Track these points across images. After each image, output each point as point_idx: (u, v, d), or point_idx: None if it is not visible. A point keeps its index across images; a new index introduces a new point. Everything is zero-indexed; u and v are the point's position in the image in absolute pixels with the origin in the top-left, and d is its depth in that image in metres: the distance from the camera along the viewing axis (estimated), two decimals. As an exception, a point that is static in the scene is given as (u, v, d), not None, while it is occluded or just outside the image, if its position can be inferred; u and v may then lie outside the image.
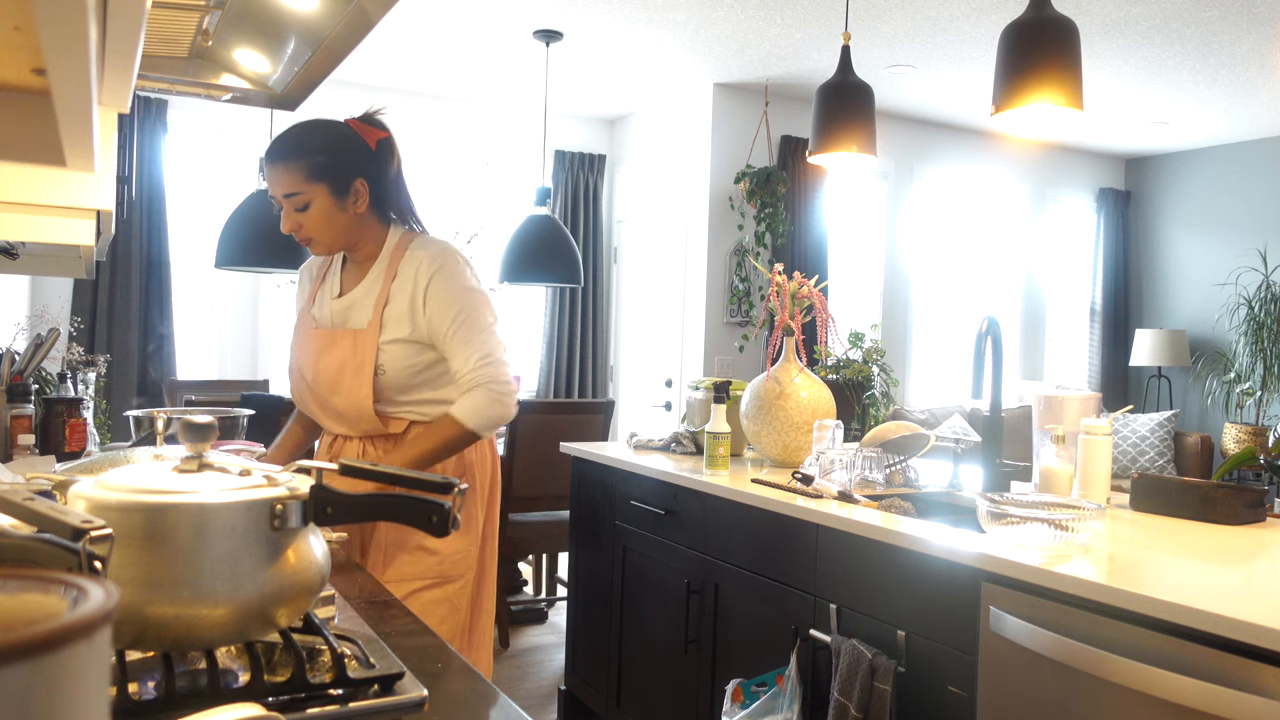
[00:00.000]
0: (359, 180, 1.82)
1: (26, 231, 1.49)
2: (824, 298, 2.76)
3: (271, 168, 1.79)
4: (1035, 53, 2.21)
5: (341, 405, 1.84)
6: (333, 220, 1.80)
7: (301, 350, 1.92)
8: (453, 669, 1.07)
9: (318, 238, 1.82)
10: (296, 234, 1.81)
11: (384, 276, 1.85)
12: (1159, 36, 4.29)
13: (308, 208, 1.78)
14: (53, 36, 0.60)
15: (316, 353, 1.87)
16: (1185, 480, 2.06)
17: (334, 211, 1.80)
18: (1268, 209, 6.10)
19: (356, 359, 1.81)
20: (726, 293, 5.29)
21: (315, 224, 1.80)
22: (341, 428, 1.88)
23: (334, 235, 1.82)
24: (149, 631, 0.84)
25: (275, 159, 1.79)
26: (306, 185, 1.77)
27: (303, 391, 1.92)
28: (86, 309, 4.67)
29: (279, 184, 1.78)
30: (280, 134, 1.83)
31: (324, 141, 1.80)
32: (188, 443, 0.94)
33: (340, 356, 1.83)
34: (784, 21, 4.22)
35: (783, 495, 2.26)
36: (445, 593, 1.88)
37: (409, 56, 4.85)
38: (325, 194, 1.79)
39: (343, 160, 1.81)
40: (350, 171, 1.81)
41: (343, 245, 1.87)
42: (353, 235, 1.85)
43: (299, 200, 1.78)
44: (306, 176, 1.77)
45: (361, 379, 1.80)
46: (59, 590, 0.45)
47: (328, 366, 1.84)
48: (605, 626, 2.98)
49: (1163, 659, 1.39)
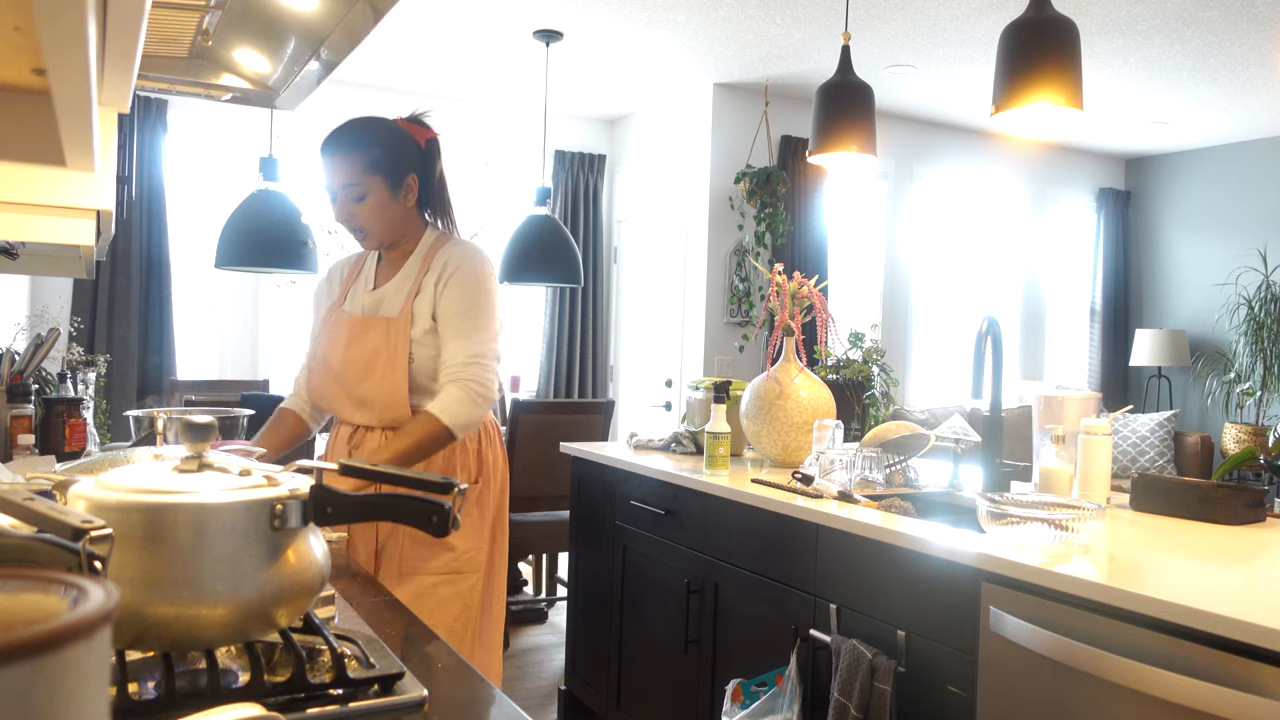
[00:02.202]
0: (411, 175, 1.89)
1: (26, 231, 1.49)
2: (824, 298, 2.76)
3: (331, 159, 1.84)
4: (1035, 53, 2.21)
5: (371, 392, 1.86)
6: (386, 212, 1.87)
7: (330, 339, 1.94)
8: (453, 669, 1.07)
9: (370, 229, 1.87)
10: (349, 224, 1.87)
11: (417, 271, 1.91)
12: (1159, 36, 4.29)
13: (364, 199, 1.84)
14: (53, 36, 0.60)
15: (348, 340, 1.89)
16: (1185, 480, 2.06)
17: (388, 204, 1.87)
18: (1268, 209, 6.10)
19: (390, 346, 1.84)
20: (726, 293, 5.29)
21: (369, 215, 1.85)
22: (365, 417, 1.89)
23: (385, 227, 1.88)
24: (149, 631, 0.84)
25: (335, 150, 1.84)
26: (364, 177, 1.83)
27: (327, 381, 1.93)
28: (86, 309, 4.67)
29: (337, 174, 1.84)
30: (337, 127, 1.88)
31: (381, 136, 1.86)
32: (188, 443, 0.94)
33: (373, 344, 1.86)
34: (784, 21, 4.22)
35: (783, 495, 2.26)
36: (458, 590, 1.90)
37: (409, 56, 4.85)
38: (381, 186, 1.85)
39: (398, 155, 1.87)
40: (404, 166, 1.88)
41: (391, 238, 1.91)
42: (400, 229, 1.91)
43: (356, 191, 1.84)
44: (365, 169, 1.83)
45: (395, 365, 1.84)
46: (59, 590, 0.45)
47: (359, 354, 1.87)
48: (605, 626, 2.98)
49: (1163, 659, 1.39)
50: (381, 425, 1.89)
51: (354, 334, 1.89)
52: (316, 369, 1.97)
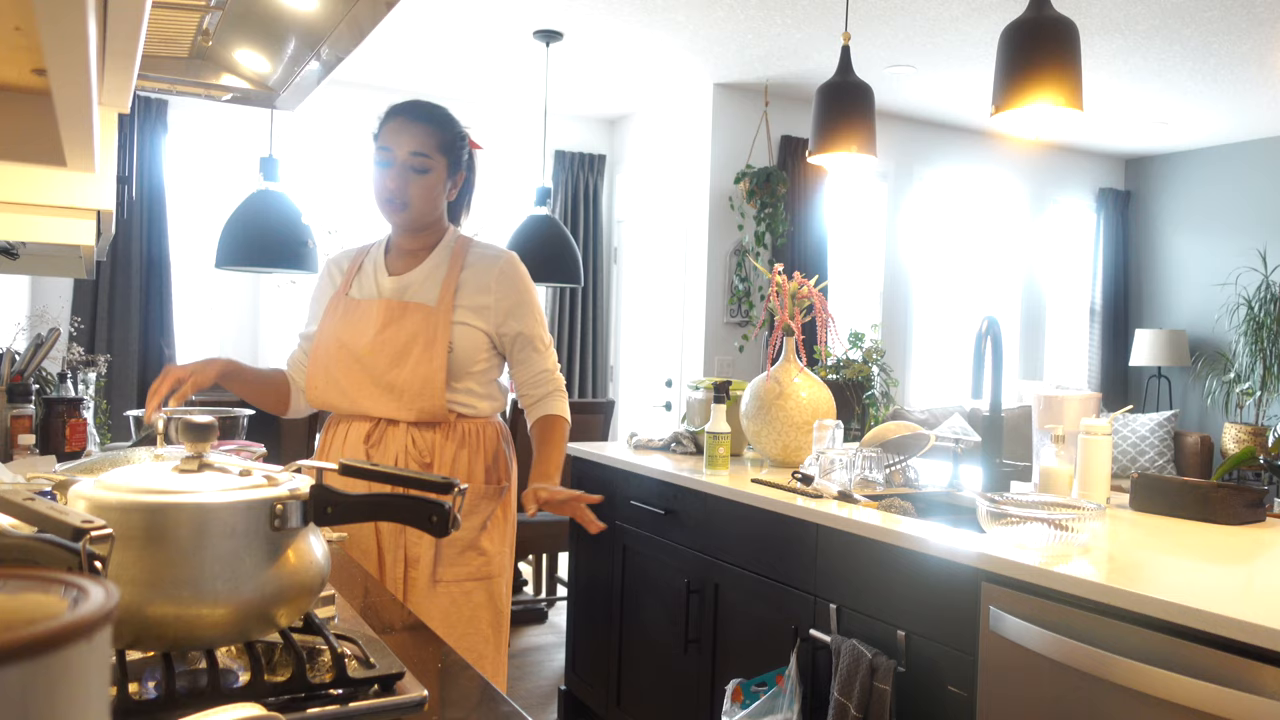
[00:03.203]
0: (461, 173, 1.91)
1: (26, 231, 1.49)
2: (824, 298, 2.76)
3: (409, 124, 1.81)
4: (1035, 53, 2.21)
5: (404, 378, 1.78)
6: (435, 195, 1.85)
7: (350, 324, 1.84)
8: (453, 669, 1.07)
9: (414, 205, 1.83)
10: (396, 194, 1.81)
11: (448, 264, 1.88)
12: (1159, 36, 4.29)
13: (425, 173, 1.81)
14: (53, 36, 0.60)
15: (381, 323, 1.81)
16: (1185, 480, 2.06)
17: (440, 187, 1.85)
18: (1268, 209, 6.10)
19: (429, 332, 1.79)
20: (726, 293, 5.29)
21: (421, 191, 1.82)
22: (388, 407, 1.80)
23: (426, 209, 1.85)
24: (149, 631, 0.84)
25: (418, 118, 1.82)
26: (435, 153, 1.82)
27: (342, 369, 1.82)
28: (86, 309, 4.67)
29: (412, 140, 1.80)
30: (417, 99, 1.88)
31: (456, 125, 1.88)
32: (188, 443, 0.94)
33: (410, 328, 1.80)
34: (784, 21, 4.22)
35: (783, 495, 2.26)
36: (490, 594, 1.87)
37: (409, 56, 4.85)
38: (443, 169, 1.84)
39: (461, 149, 1.89)
40: (460, 162, 1.89)
41: (424, 222, 1.87)
42: (434, 216, 1.89)
43: (422, 162, 1.80)
44: (438, 146, 1.82)
45: (434, 352, 1.78)
46: (59, 590, 0.45)
47: (393, 337, 1.80)
48: (605, 626, 2.98)
49: (1163, 659, 1.39)
50: (408, 417, 1.80)
51: (389, 317, 1.81)
52: (325, 358, 1.85)
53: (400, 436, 1.81)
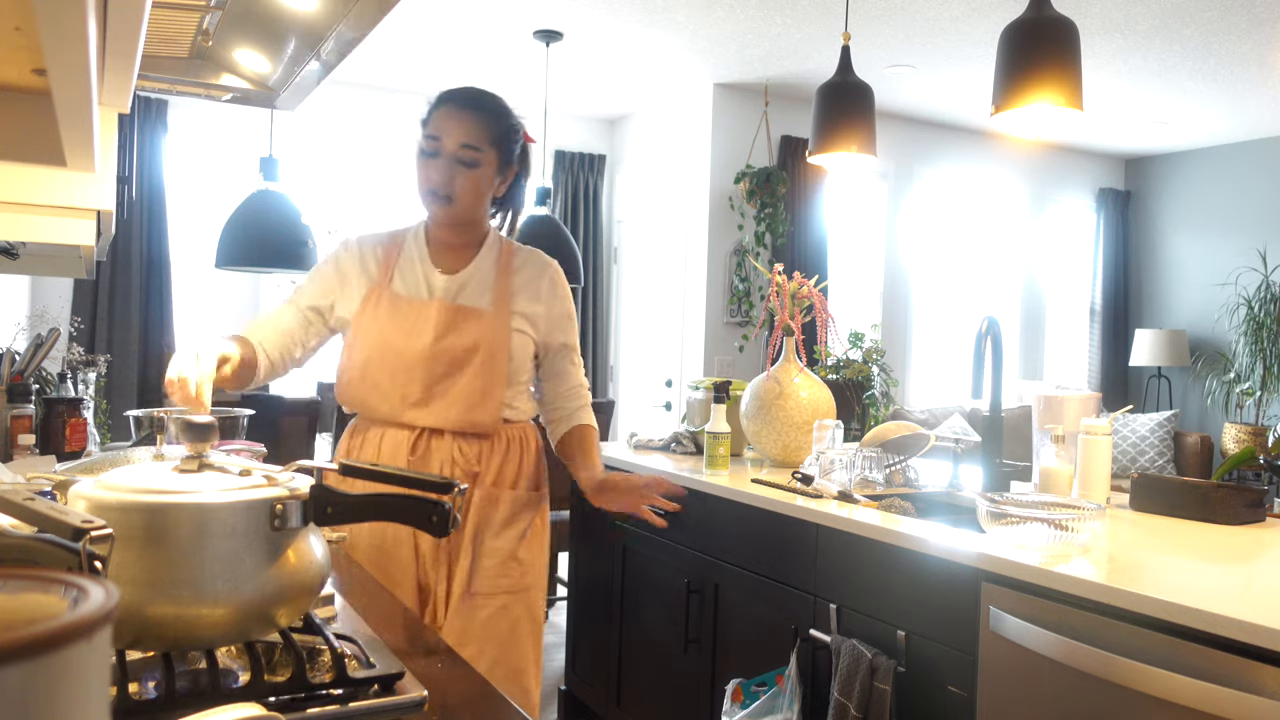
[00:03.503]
0: (513, 168, 1.79)
1: (26, 231, 1.49)
2: (824, 298, 2.76)
3: (462, 113, 1.69)
4: (1035, 53, 2.21)
5: (460, 389, 1.68)
6: (482, 190, 1.73)
7: (400, 323, 1.70)
8: (453, 669, 1.07)
9: (460, 199, 1.69)
10: (440, 186, 1.68)
11: (495, 266, 1.78)
12: (1159, 36, 4.29)
13: (475, 166, 1.69)
14: (53, 36, 0.60)
15: (439, 328, 1.68)
16: (1185, 480, 2.06)
17: (488, 182, 1.73)
18: (1268, 209, 6.10)
19: (491, 341, 1.70)
20: (726, 293, 5.29)
21: (469, 185, 1.69)
22: (435, 417, 1.69)
23: (472, 204, 1.72)
24: (149, 631, 0.84)
25: (470, 107, 1.71)
26: (487, 145, 1.70)
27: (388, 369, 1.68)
28: (86, 309, 4.67)
29: (462, 132, 1.68)
30: (471, 87, 1.76)
31: (509, 116, 1.77)
32: (188, 443, 0.94)
33: (472, 336, 1.69)
34: (784, 21, 4.22)
35: (783, 495, 2.26)
36: (527, 606, 1.79)
37: (409, 56, 4.85)
38: (493, 162, 1.72)
39: (513, 142, 1.77)
40: (512, 156, 1.77)
41: (469, 217, 1.75)
42: (478, 212, 1.77)
43: (471, 155, 1.68)
44: (491, 138, 1.70)
45: (496, 362, 1.70)
46: (59, 590, 0.45)
47: (452, 346, 1.68)
48: (605, 626, 2.98)
49: (1163, 659, 1.39)
50: (456, 427, 1.70)
51: (449, 322, 1.69)
52: (367, 358, 1.70)
53: (445, 448, 1.71)
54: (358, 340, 1.72)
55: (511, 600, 1.75)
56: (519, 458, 1.78)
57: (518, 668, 1.75)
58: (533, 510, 1.81)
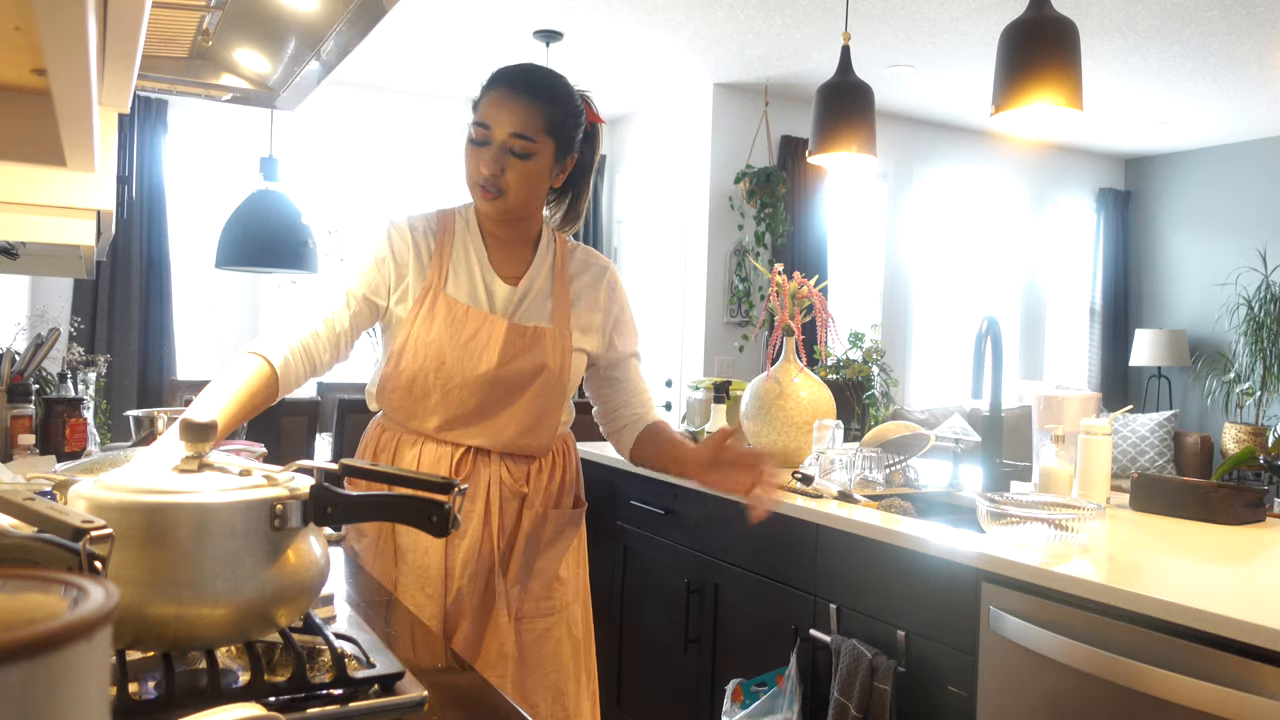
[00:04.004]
0: (573, 156, 1.61)
1: (26, 231, 1.49)
2: (824, 298, 2.76)
3: (514, 98, 1.51)
4: (1035, 53, 2.21)
5: (521, 410, 1.57)
6: (538, 183, 1.56)
7: (458, 338, 1.55)
8: (453, 669, 1.07)
9: (511, 193, 1.53)
10: (488, 179, 1.51)
11: (551, 272, 1.64)
12: (1159, 36, 4.29)
13: (528, 158, 1.51)
14: (53, 36, 0.60)
15: (505, 352, 1.55)
16: (1185, 480, 2.06)
17: (544, 175, 1.56)
18: (1268, 209, 6.10)
19: (555, 364, 1.58)
20: (726, 293, 5.29)
21: (522, 178, 1.52)
22: (487, 438, 1.57)
23: (526, 199, 1.56)
24: (149, 631, 0.84)
25: (524, 92, 1.52)
26: (541, 135, 1.52)
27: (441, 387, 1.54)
28: (86, 309, 4.67)
29: (514, 120, 1.50)
30: (527, 67, 1.57)
31: (570, 100, 1.59)
32: (188, 443, 0.94)
33: (537, 359, 1.57)
34: (784, 21, 4.22)
35: (782, 495, 2.26)
36: (569, 626, 1.68)
37: (409, 56, 4.85)
38: (549, 153, 1.54)
39: (575, 129, 1.59)
40: (573, 144, 1.60)
41: (523, 213, 1.60)
42: (534, 207, 1.61)
43: (524, 146, 1.50)
44: (546, 127, 1.52)
45: (561, 384, 1.59)
46: (59, 590, 0.45)
47: (518, 370, 1.56)
48: (605, 626, 2.98)
49: (1163, 659, 1.39)
50: (506, 449, 1.59)
51: (516, 346, 1.56)
52: (416, 370, 1.54)
53: (493, 469, 1.59)
54: (408, 348, 1.55)
55: (554, 622, 1.66)
56: (562, 473, 1.69)
57: (559, 689, 1.65)
58: (575, 526, 1.72)
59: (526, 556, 1.63)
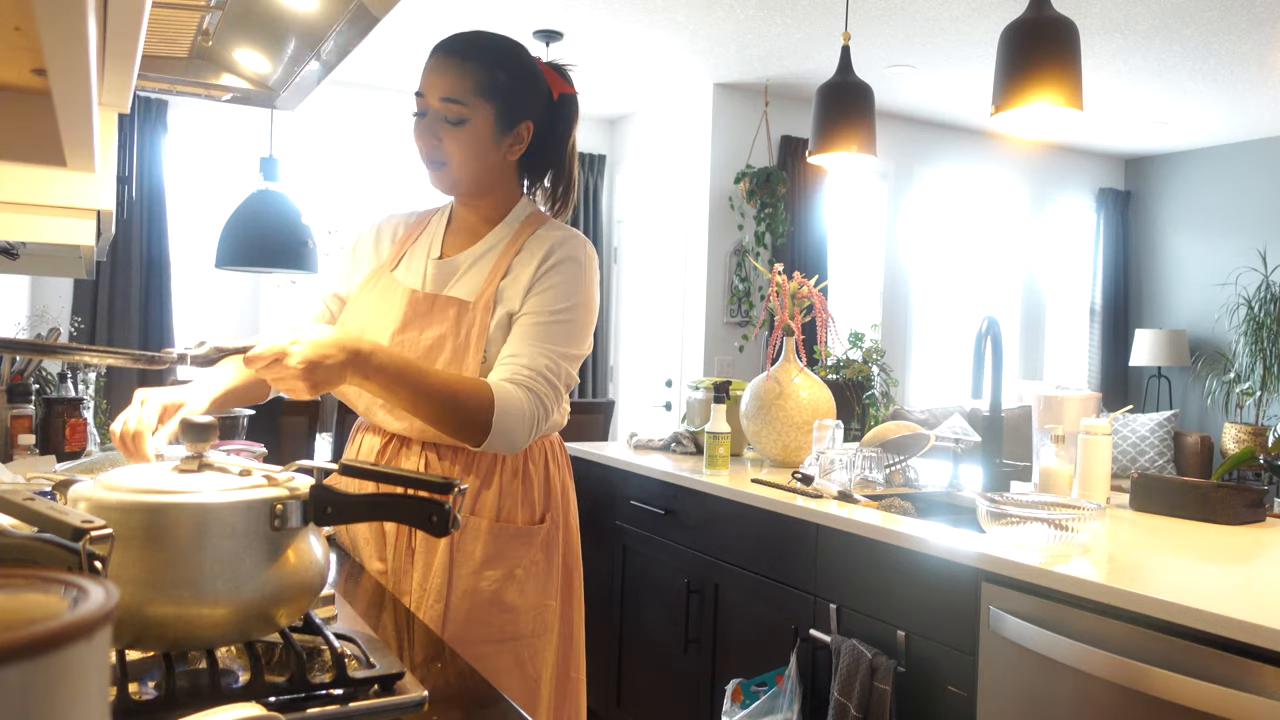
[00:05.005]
0: (527, 124, 1.53)
1: (26, 231, 1.49)
2: (824, 298, 2.76)
3: (442, 62, 1.48)
4: (1035, 53, 2.21)
5: None
6: (480, 153, 1.48)
7: (374, 312, 1.50)
8: (453, 669, 1.07)
9: (454, 166, 1.48)
10: (428, 151, 1.47)
11: (504, 246, 1.52)
12: (1159, 36, 4.29)
13: (461, 124, 1.45)
14: (53, 36, 0.60)
15: (405, 319, 1.47)
16: (1185, 480, 2.06)
17: (486, 144, 1.48)
18: (1268, 209, 6.10)
19: (460, 336, 1.44)
20: (726, 293, 5.29)
21: (460, 148, 1.46)
22: (401, 422, 1.47)
23: (471, 171, 1.49)
24: (149, 631, 0.84)
25: (450, 54, 1.48)
26: (473, 99, 1.46)
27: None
28: (86, 309, 4.67)
29: (441, 84, 1.46)
30: (463, 32, 1.53)
31: (510, 60, 1.52)
32: (188, 443, 0.94)
33: (439, 330, 1.45)
34: (784, 21, 4.22)
35: (783, 495, 2.26)
36: (517, 658, 1.48)
37: (409, 56, 4.85)
38: (488, 119, 1.47)
39: (520, 92, 1.51)
40: (522, 108, 1.51)
41: (472, 187, 1.52)
42: (487, 182, 1.53)
43: (456, 112, 1.45)
44: (477, 89, 1.46)
45: (464, 361, 1.43)
46: (59, 590, 0.45)
47: (413, 342, 1.45)
48: (605, 626, 2.98)
49: (1163, 659, 1.39)
50: (421, 437, 1.47)
51: (414, 313, 1.47)
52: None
53: (413, 460, 1.48)
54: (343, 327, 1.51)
55: (493, 651, 1.45)
56: (510, 479, 1.49)
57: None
58: (527, 547, 1.49)
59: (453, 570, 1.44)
